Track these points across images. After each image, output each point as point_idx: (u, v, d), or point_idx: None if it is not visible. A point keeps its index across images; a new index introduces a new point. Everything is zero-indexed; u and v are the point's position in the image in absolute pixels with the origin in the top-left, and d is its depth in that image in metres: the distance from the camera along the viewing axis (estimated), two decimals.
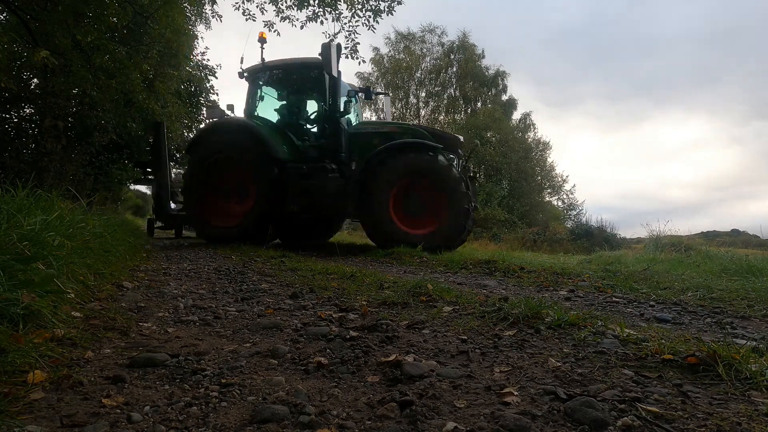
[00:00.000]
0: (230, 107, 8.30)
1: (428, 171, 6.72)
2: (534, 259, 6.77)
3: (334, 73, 6.95)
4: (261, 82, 8.04)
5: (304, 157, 7.33)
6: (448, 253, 6.42)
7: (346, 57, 9.83)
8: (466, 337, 1.99)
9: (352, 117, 8.16)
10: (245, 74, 7.96)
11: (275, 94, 8.14)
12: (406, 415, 1.20)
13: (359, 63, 10.03)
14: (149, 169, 10.40)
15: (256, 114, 7.85)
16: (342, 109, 7.36)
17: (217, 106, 9.48)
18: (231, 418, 1.18)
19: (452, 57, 30.32)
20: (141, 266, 4.58)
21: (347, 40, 9.68)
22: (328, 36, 9.76)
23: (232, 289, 3.37)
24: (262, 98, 8.04)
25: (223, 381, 1.42)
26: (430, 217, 6.90)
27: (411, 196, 6.96)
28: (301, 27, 9.88)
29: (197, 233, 8.30)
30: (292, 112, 7.88)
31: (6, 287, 1.66)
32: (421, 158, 6.74)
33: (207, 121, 9.08)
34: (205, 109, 8.96)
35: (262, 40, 7.80)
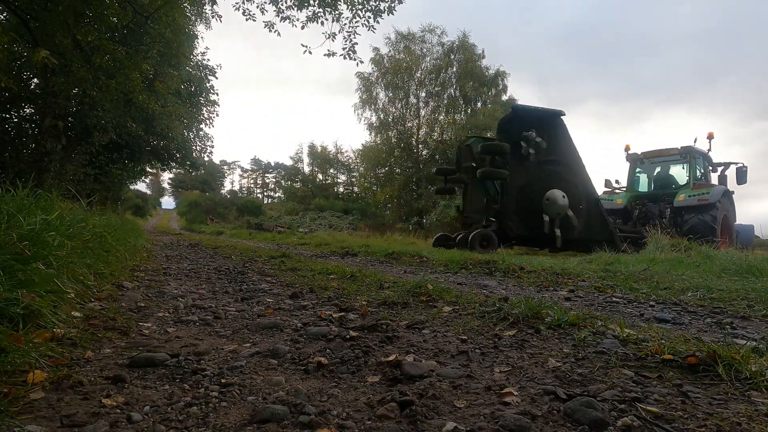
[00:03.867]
0: None
1: None
2: (534, 259, 6.77)
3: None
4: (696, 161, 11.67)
5: None
6: (448, 254, 6.43)
7: (344, 57, 9.86)
8: (466, 337, 1.99)
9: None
10: (686, 152, 11.47)
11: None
12: (406, 415, 1.20)
13: (357, 64, 10.06)
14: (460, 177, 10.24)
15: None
16: None
17: None
18: (231, 418, 1.18)
19: (452, 57, 30.29)
20: (141, 266, 4.58)
21: (345, 41, 9.69)
22: (327, 36, 9.76)
23: (232, 289, 3.37)
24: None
25: (223, 381, 1.42)
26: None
27: None
28: (302, 27, 9.89)
29: None
30: None
31: (6, 287, 1.66)
32: None
33: None
34: None
35: (711, 137, 11.41)
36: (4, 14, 9.25)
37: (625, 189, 12.67)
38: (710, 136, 11.40)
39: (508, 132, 9.24)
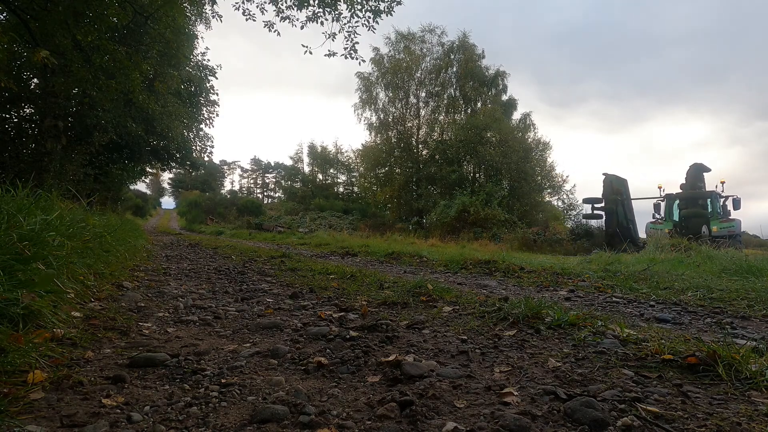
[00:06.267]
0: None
1: None
2: (534, 259, 6.77)
3: None
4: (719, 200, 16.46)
5: None
6: (447, 253, 6.44)
7: (346, 57, 9.83)
8: (466, 337, 2.00)
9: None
10: (710, 194, 16.24)
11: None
12: (406, 415, 1.20)
13: (359, 63, 10.04)
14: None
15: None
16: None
17: None
18: (231, 418, 1.18)
19: (452, 57, 30.28)
20: (141, 266, 4.58)
21: (346, 41, 9.67)
22: (327, 36, 9.75)
23: (232, 289, 3.37)
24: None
25: (223, 381, 1.42)
26: None
27: None
28: (301, 27, 9.87)
29: None
30: None
31: (6, 287, 1.66)
32: None
33: None
34: None
35: (723, 183, 16.51)
36: (4, 14, 9.24)
37: (664, 219, 17.65)
38: (723, 182, 17.09)
39: (691, 183, 16.06)
